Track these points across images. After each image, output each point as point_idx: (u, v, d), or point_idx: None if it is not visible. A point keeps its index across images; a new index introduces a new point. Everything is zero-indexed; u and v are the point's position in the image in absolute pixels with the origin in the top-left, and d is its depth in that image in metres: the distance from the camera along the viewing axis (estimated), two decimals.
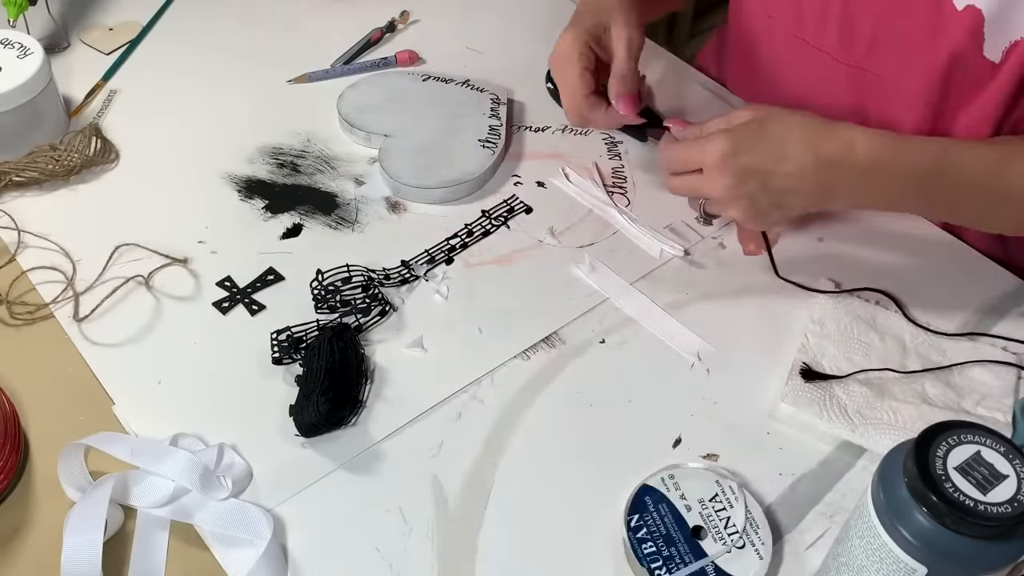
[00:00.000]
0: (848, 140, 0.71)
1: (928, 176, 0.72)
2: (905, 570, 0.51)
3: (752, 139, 0.72)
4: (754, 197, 0.73)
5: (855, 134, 0.72)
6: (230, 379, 0.74)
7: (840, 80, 0.87)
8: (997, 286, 0.82)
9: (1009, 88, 0.76)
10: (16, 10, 0.96)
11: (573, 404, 0.73)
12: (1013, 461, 0.50)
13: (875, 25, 0.82)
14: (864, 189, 0.73)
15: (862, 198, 0.75)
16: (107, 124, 0.94)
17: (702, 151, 0.73)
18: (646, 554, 0.63)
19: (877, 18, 0.81)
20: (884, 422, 0.71)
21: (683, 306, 0.80)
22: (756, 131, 0.73)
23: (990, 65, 0.76)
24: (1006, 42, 0.74)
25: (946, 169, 0.72)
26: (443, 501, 0.67)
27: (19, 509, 0.66)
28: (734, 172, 0.72)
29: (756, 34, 0.94)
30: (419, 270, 0.82)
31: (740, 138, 0.72)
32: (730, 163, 0.72)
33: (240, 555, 0.63)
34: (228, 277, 0.81)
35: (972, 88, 0.79)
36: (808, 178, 0.72)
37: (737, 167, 0.72)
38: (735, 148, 0.72)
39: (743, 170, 0.72)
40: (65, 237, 0.83)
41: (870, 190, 0.73)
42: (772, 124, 0.73)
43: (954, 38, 0.76)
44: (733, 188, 0.72)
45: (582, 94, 0.82)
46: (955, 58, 0.77)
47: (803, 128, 0.72)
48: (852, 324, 0.77)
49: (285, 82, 0.99)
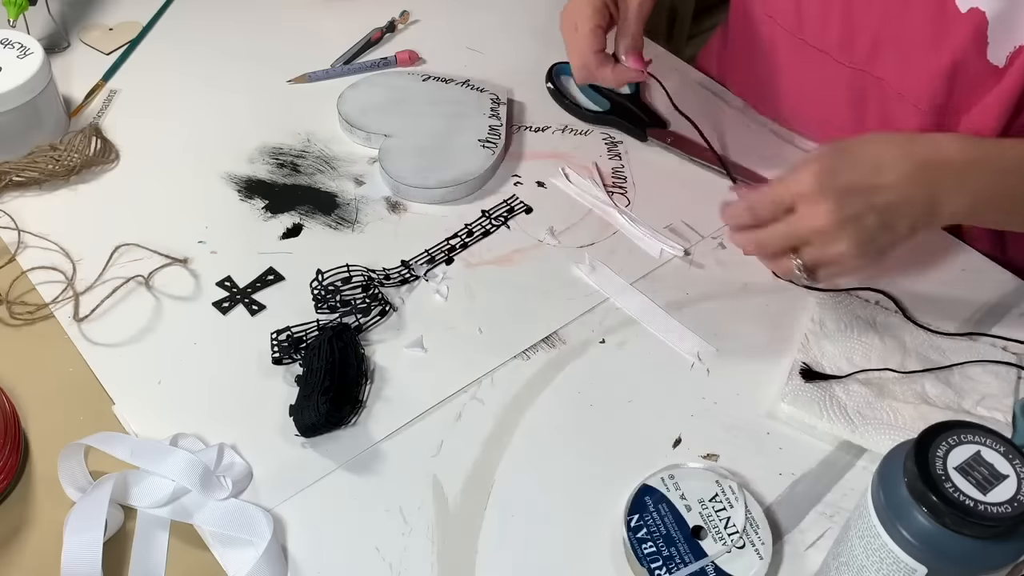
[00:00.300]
0: (935, 143, 0.68)
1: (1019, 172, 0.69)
2: (905, 570, 0.51)
3: (843, 157, 0.67)
4: (860, 219, 0.66)
5: (938, 136, 0.69)
6: (230, 379, 0.74)
7: (841, 82, 0.87)
8: (997, 286, 0.82)
9: (1014, 92, 0.76)
10: (16, 10, 0.96)
11: (573, 404, 0.73)
12: (1013, 461, 0.50)
13: (877, 27, 0.81)
14: (966, 188, 0.68)
15: (966, 200, 0.68)
16: (107, 124, 0.94)
17: (791, 182, 0.67)
18: (646, 554, 0.63)
19: (880, 20, 0.81)
20: (884, 422, 0.71)
21: (683, 306, 0.80)
22: (844, 151, 0.68)
23: (994, 69, 0.76)
24: (1010, 47, 0.74)
25: None
26: (443, 501, 0.67)
27: (19, 509, 0.66)
28: (833, 193, 0.66)
29: (757, 34, 0.94)
30: (419, 270, 0.82)
31: (831, 160, 0.67)
32: (826, 183, 0.66)
33: (240, 555, 0.63)
34: (228, 277, 0.81)
35: (975, 92, 0.78)
36: (911, 185, 0.67)
37: (837, 186, 0.66)
38: (831, 168, 0.66)
39: (844, 188, 0.66)
40: (65, 237, 0.83)
41: (972, 188, 0.68)
42: (852, 145, 0.68)
43: (957, 41, 0.76)
44: (836, 212, 0.66)
45: (593, 50, 0.82)
46: (958, 61, 0.76)
47: (888, 139, 0.68)
48: (852, 324, 0.77)
49: (285, 82, 0.99)
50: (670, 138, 0.93)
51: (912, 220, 0.68)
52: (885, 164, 0.67)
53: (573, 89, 0.98)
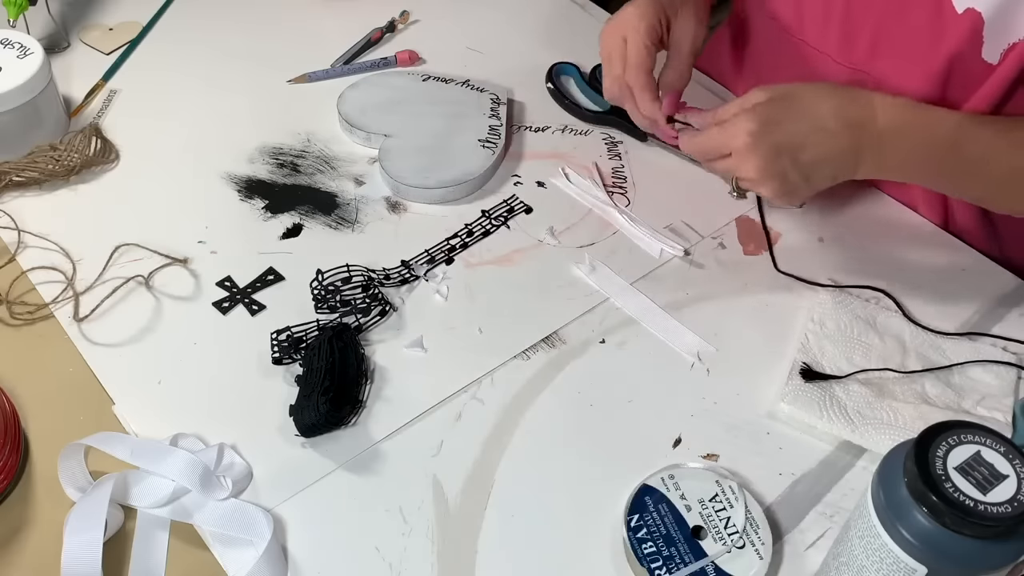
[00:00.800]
0: (870, 102, 0.72)
1: (947, 144, 0.73)
2: (905, 570, 0.51)
3: (775, 113, 0.72)
4: (785, 174, 0.72)
5: (875, 97, 0.72)
6: (230, 379, 0.74)
7: (840, 82, 0.87)
8: (997, 286, 0.82)
9: (1003, 87, 0.76)
10: (16, 10, 0.96)
11: (573, 404, 0.73)
12: (1013, 461, 0.50)
13: (876, 28, 0.82)
14: (887, 153, 0.73)
15: (885, 163, 0.74)
16: (107, 124, 0.94)
17: (729, 135, 0.73)
18: (646, 554, 0.63)
19: (878, 21, 0.81)
20: (884, 422, 0.71)
21: (683, 306, 0.80)
22: (780, 105, 0.72)
23: (987, 66, 0.76)
24: (1004, 44, 0.74)
25: (964, 140, 0.73)
26: (443, 501, 0.67)
27: (19, 509, 0.66)
28: (763, 151, 0.71)
29: (758, 35, 0.94)
30: (419, 270, 0.82)
31: (767, 115, 0.72)
32: (760, 142, 0.71)
33: (240, 555, 0.63)
34: (228, 277, 0.81)
35: (968, 88, 0.79)
36: (836, 142, 0.71)
37: (768, 145, 0.71)
38: (760, 126, 0.71)
39: (774, 147, 0.71)
40: (65, 237, 0.83)
41: (892, 154, 0.73)
42: (796, 97, 0.72)
43: (954, 41, 0.76)
44: (764, 168, 0.72)
45: (642, 68, 0.80)
46: (954, 60, 0.77)
47: (831, 96, 0.72)
48: (852, 324, 0.77)
49: (285, 82, 0.99)
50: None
51: (833, 173, 0.73)
52: (820, 121, 0.71)
53: (573, 89, 0.98)
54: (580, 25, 1.08)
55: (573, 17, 1.09)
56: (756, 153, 0.71)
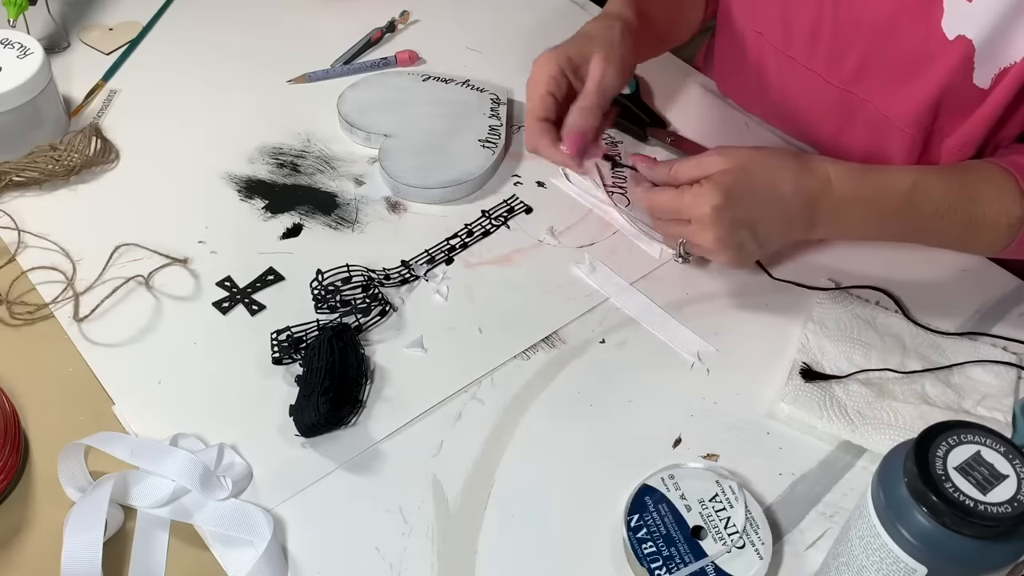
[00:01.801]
0: (824, 175, 0.73)
1: (902, 207, 0.74)
2: (905, 570, 0.51)
3: (743, 186, 0.71)
4: (741, 245, 0.73)
5: (829, 168, 0.73)
6: (230, 379, 0.74)
7: (829, 101, 0.86)
8: (997, 286, 0.82)
9: (996, 113, 0.76)
10: (16, 10, 0.96)
11: (573, 404, 0.73)
12: (1013, 461, 0.50)
13: (865, 51, 0.81)
14: (843, 220, 0.74)
15: (841, 228, 0.75)
16: (107, 124, 0.94)
17: (692, 204, 0.72)
18: (646, 554, 0.63)
19: (867, 45, 0.81)
20: (884, 422, 0.71)
21: (683, 306, 0.80)
22: (742, 179, 0.72)
23: (979, 92, 0.76)
24: (995, 69, 0.74)
25: (919, 200, 0.73)
26: (443, 501, 0.67)
27: (19, 509, 0.66)
28: (726, 225, 0.71)
29: (745, 48, 0.93)
30: (419, 270, 0.82)
31: (730, 188, 0.71)
32: (723, 216, 0.71)
33: (240, 555, 0.63)
34: (228, 277, 0.81)
35: (960, 114, 0.78)
36: (792, 216, 0.73)
37: (730, 219, 0.71)
38: (727, 200, 0.71)
39: (735, 221, 0.71)
40: (65, 237, 0.83)
41: (849, 221, 0.74)
42: (755, 172, 0.72)
43: (945, 67, 0.76)
44: (723, 240, 0.72)
45: (535, 116, 0.77)
46: (944, 87, 0.77)
47: (788, 171, 0.72)
48: (852, 324, 0.77)
49: (285, 82, 0.99)
50: (670, 138, 0.93)
51: (785, 240, 0.76)
52: (777, 198, 0.72)
53: None
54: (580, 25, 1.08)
55: (573, 17, 1.09)
56: (718, 226, 0.71)
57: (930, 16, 0.75)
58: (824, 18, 0.82)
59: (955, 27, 0.74)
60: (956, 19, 0.73)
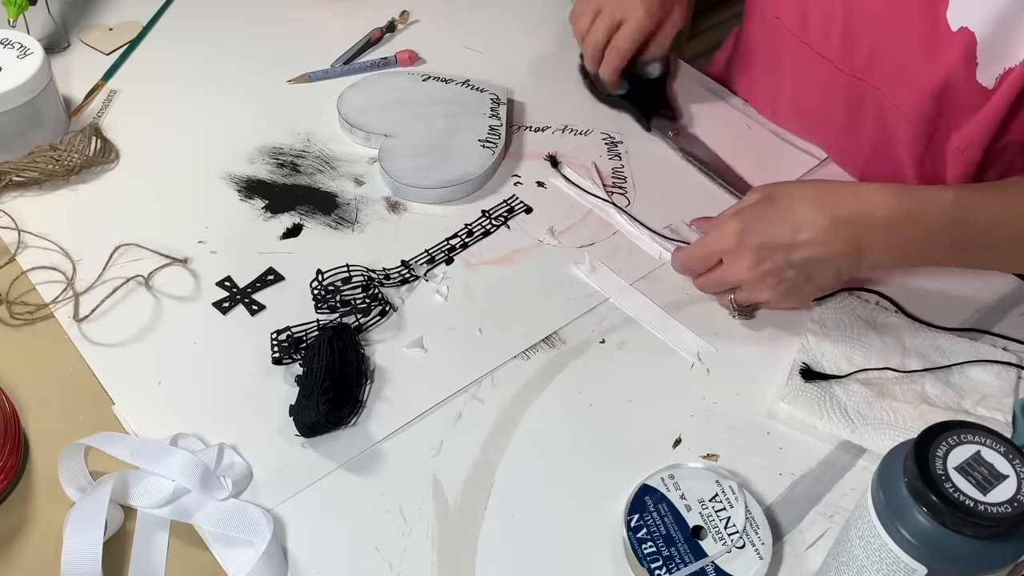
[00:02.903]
0: (859, 196, 0.71)
1: (950, 222, 0.71)
2: (905, 570, 0.51)
3: (761, 213, 0.73)
4: (781, 273, 0.72)
5: (862, 189, 0.72)
6: (230, 379, 0.74)
7: (840, 89, 0.87)
8: (997, 286, 0.82)
9: (999, 114, 0.76)
10: (16, 10, 0.96)
11: (573, 404, 0.73)
12: (1013, 461, 0.50)
13: (874, 38, 0.82)
14: (893, 242, 0.71)
15: (893, 253, 0.72)
16: (107, 124, 0.94)
17: (716, 240, 0.74)
18: (646, 554, 0.63)
19: (876, 31, 0.81)
20: (884, 422, 0.71)
21: (683, 306, 0.80)
22: (764, 206, 0.73)
23: (983, 91, 0.76)
24: (1000, 69, 0.74)
25: (965, 215, 0.71)
26: (443, 501, 0.67)
27: (19, 509, 0.66)
28: (752, 250, 0.72)
29: (764, 35, 0.95)
30: (419, 270, 0.82)
31: (749, 215, 0.73)
32: (746, 241, 0.72)
33: (240, 555, 0.63)
34: (228, 277, 0.81)
35: (965, 111, 0.78)
36: (830, 242, 0.71)
37: (754, 244, 0.72)
38: (745, 226, 0.72)
39: (760, 246, 0.72)
40: (65, 237, 0.83)
41: (899, 242, 0.72)
42: (778, 197, 0.73)
43: (948, 59, 0.76)
44: (755, 267, 0.72)
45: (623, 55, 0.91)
46: (948, 80, 0.77)
47: (810, 194, 0.72)
48: (852, 324, 0.77)
49: (285, 82, 0.99)
50: (672, 131, 0.93)
51: (836, 271, 0.73)
52: (803, 222, 0.71)
53: None
54: None
55: None
56: (745, 253, 0.72)
57: (936, 5, 0.75)
58: (837, 4, 0.83)
59: (959, 18, 0.74)
60: (960, 10, 0.74)
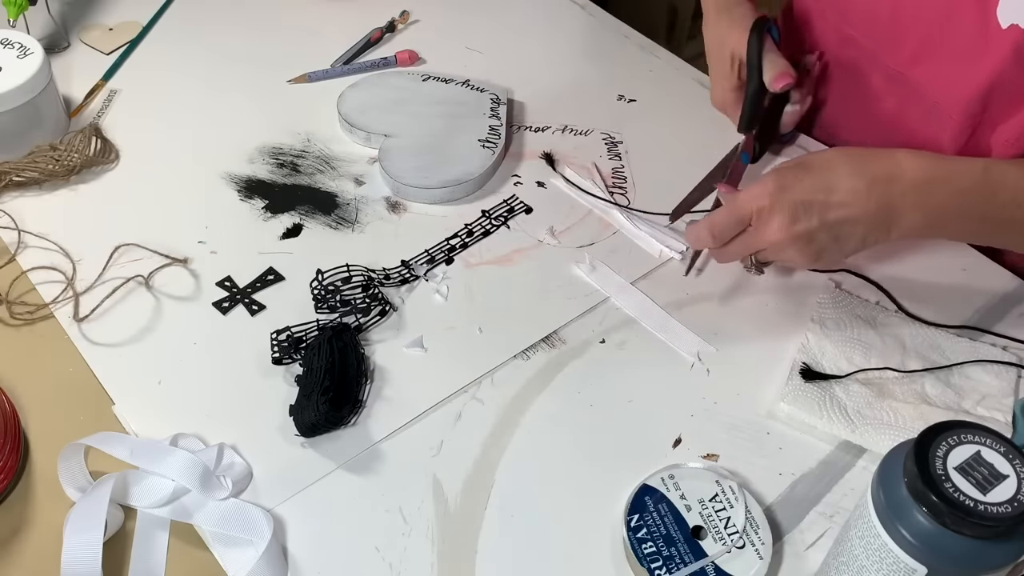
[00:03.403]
0: (893, 158, 0.70)
1: (981, 191, 0.70)
2: (905, 570, 0.51)
3: (797, 174, 0.70)
4: (812, 234, 0.69)
5: (898, 153, 0.70)
6: (230, 379, 0.74)
7: (880, 82, 0.87)
8: (997, 286, 0.82)
9: None
10: (16, 10, 0.96)
11: (573, 404, 0.73)
12: (1013, 461, 0.50)
13: (923, 34, 0.81)
14: (923, 205, 0.69)
15: (923, 217, 0.70)
16: (107, 124, 0.94)
17: (749, 199, 0.70)
18: (646, 554, 0.63)
19: (926, 27, 0.80)
20: (884, 422, 0.71)
21: (683, 306, 0.80)
22: (799, 167, 0.71)
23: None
24: None
25: (995, 186, 0.70)
26: (443, 501, 0.67)
27: (19, 509, 0.66)
28: (787, 207, 0.69)
29: (806, 21, 0.94)
30: (419, 270, 0.82)
31: (785, 175, 0.70)
32: (782, 199, 0.69)
33: (240, 555, 0.63)
34: (228, 277, 0.81)
35: (1011, 106, 0.78)
36: (863, 201, 0.69)
37: (789, 202, 0.69)
38: (783, 183, 0.69)
39: (795, 204, 0.69)
40: (65, 237, 0.83)
41: (929, 206, 0.70)
42: (813, 159, 0.71)
43: (998, 56, 0.75)
44: (788, 226, 0.69)
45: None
46: (997, 77, 0.76)
47: (845, 156, 0.70)
48: (852, 324, 0.77)
49: (285, 82, 0.99)
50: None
51: (864, 235, 0.70)
52: (838, 182, 0.69)
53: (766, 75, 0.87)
54: (580, 25, 1.08)
55: (573, 17, 1.09)
56: (779, 209, 0.69)
57: (986, 3, 0.75)
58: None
59: (1009, 16, 0.73)
60: (1011, 8, 0.73)
